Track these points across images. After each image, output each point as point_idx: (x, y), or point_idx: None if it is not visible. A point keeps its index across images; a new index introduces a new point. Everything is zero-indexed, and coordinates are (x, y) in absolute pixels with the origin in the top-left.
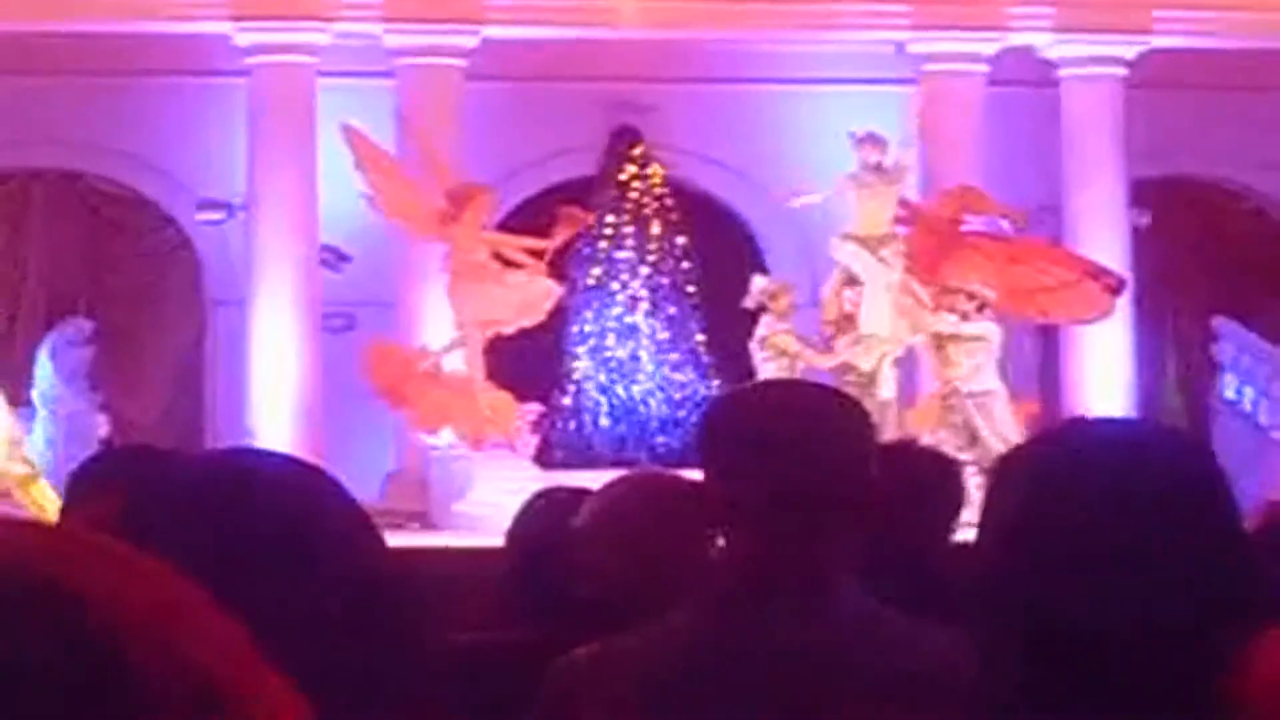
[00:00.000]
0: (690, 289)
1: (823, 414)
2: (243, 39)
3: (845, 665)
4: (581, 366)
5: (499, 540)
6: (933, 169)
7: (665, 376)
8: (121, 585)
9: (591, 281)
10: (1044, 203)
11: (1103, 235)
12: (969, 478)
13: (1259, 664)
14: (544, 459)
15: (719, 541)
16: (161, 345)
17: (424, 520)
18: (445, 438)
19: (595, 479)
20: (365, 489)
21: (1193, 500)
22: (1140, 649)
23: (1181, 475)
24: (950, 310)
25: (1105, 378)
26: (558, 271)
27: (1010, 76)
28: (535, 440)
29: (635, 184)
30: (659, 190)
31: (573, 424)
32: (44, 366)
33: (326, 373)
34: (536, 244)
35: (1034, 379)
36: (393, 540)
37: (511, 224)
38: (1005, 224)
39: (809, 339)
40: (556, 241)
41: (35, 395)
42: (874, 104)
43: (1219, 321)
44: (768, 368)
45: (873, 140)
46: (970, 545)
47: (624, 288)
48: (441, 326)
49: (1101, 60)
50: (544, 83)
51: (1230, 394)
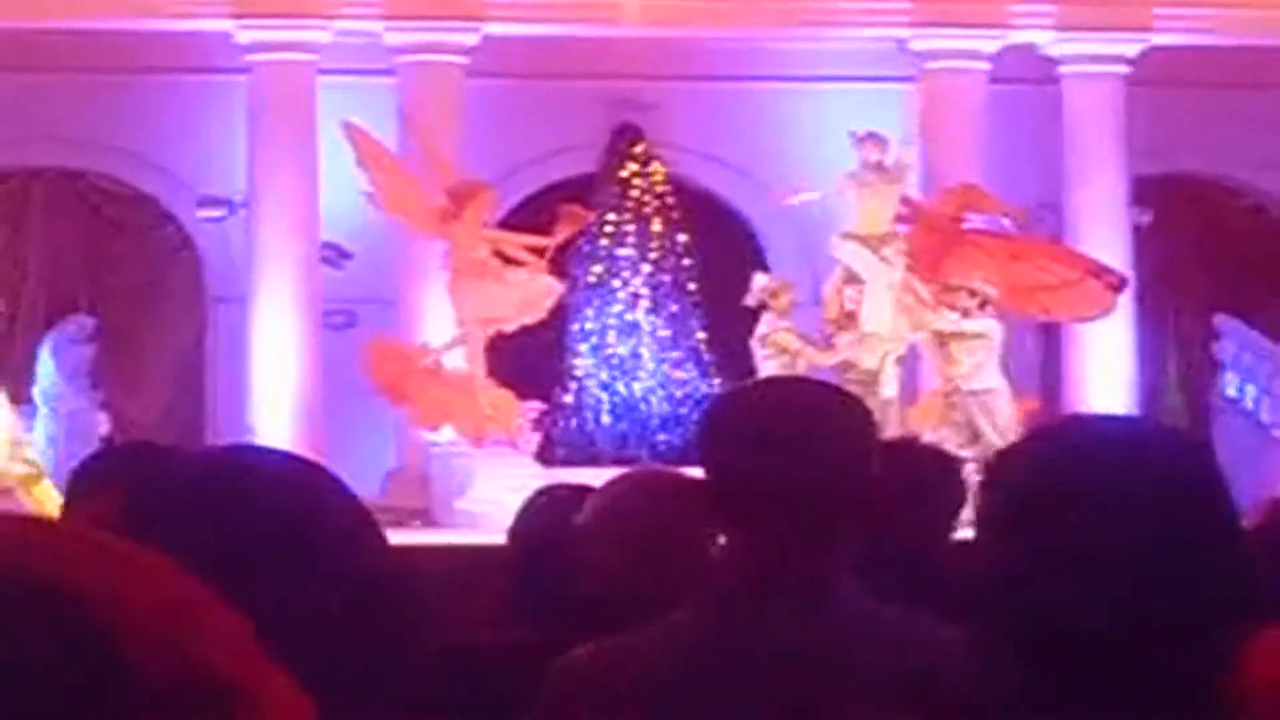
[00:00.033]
0: (691, 286)
1: (824, 412)
2: (244, 36)
3: (845, 664)
4: (583, 364)
5: (500, 538)
6: (934, 167)
7: (666, 374)
8: (124, 583)
9: (593, 279)
10: (1045, 200)
11: (1104, 233)
12: (970, 475)
13: (1258, 663)
14: (545, 456)
15: (720, 540)
16: (162, 343)
17: (425, 518)
18: (446, 435)
19: (597, 476)
20: (366, 486)
21: (1190, 499)
22: (1138, 648)
23: (1178, 474)
24: (952, 308)
25: (1106, 375)
26: (559, 269)
27: (1011, 74)
28: (536, 438)
29: (636, 181)
30: (660, 188)
31: (574, 421)
32: (45, 364)
33: (327, 370)
34: (537, 241)
35: (1035, 377)
36: (394, 538)
37: (512, 221)
38: (1007, 222)
39: (810, 337)
40: (558, 239)
41: (36, 393)
42: (875, 102)
43: (1220, 319)
44: (768, 365)
45: (874, 139)
46: (969, 543)
47: (625, 285)
48: (442, 324)
49: (1102, 58)
50: (545, 80)
51: (1232, 392)
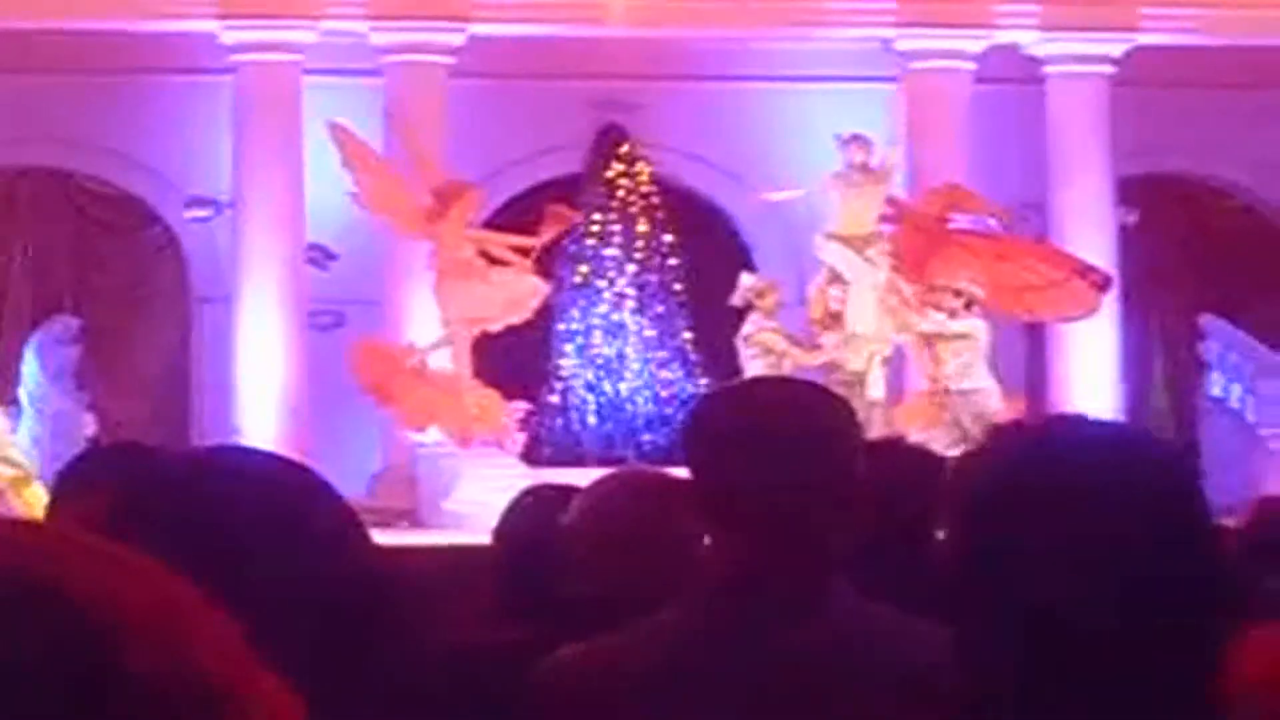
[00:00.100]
0: (677, 287)
1: (809, 411)
2: (229, 37)
3: (833, 663)
4: (568, 364)
5: (487, 538)
6: (919, 167)
7: (652, 374)
8: (116, 586)
9: (578, 279)
10: (1030, 200)
11: (1089, 233)
12: None
13: (1248, 664)
14: (531, 456)
15: (706, 540)
16: (148, 343)
17: (412, 518)
18: (432, 435)
19: (583, 477)
20: (353, 487)
21: (1159, 497)
22: (1123, 648)
23: (1147, 471)
24: (937, 308)
25: (1092, 375)
26: (544, 269)
27: (996, 74)
28: (522, 438)
29: (622, 182)
30: (646, 188)
31: (560, 421)
32: (30, 365)
33: (313, 371)
34: (523, 242)
35: (1021, 377)
36: (380, 538)
37: (498, 222)
38: (992, 222)
39: (795, 337)
40: (543, 239)
41: (22, 394)
42: (860, 102)
43: (1206, 319)
44: (754, 365)
45: (858, 141)
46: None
47: (611, 285)
48: (428, 324)
49: (1088, 58)
50: (530, 80)
51: (1217, 391)
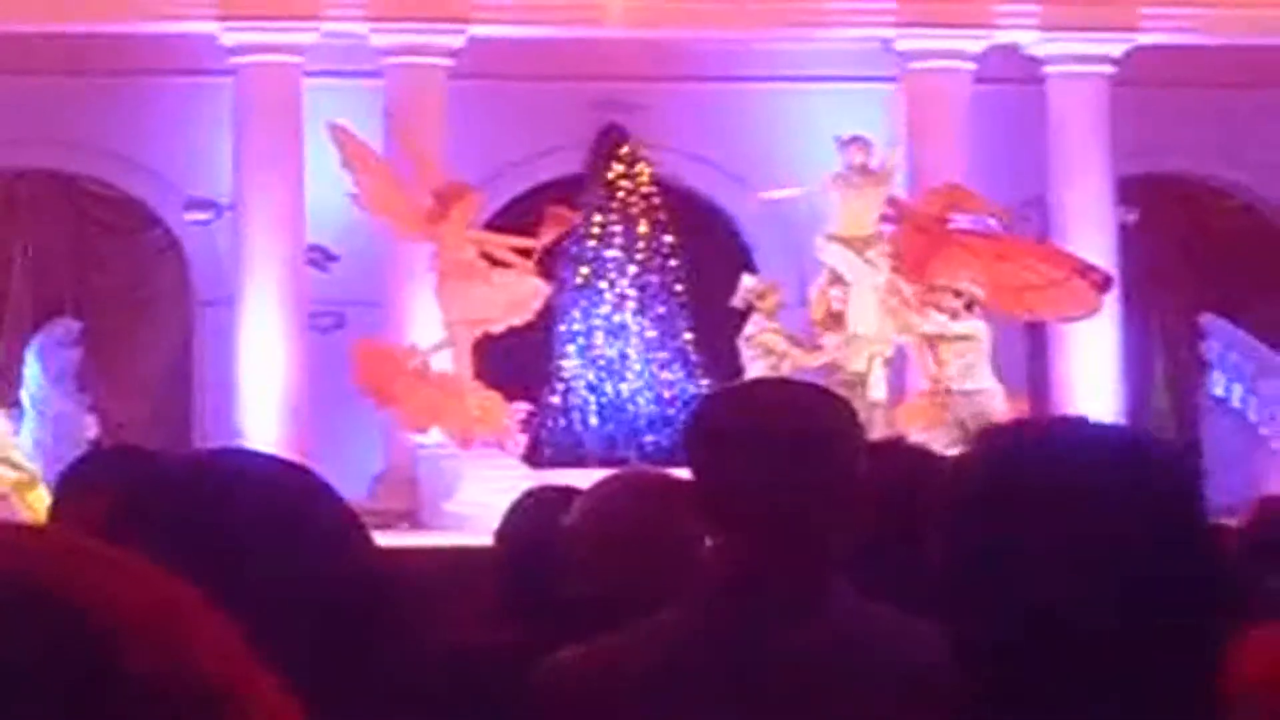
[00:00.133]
0: (678, 287)
1: (810, 412)
2: (229, 38)
3: (833, 663)
4: (570, 365)
5: (488, 539)
6: (919, 167)
7: (654, 375)
8: (116, 588)
9: (579, 280)
10: (1030, 200)
11: (1089, 232)
12: None
13: (1249, 664)
14: (533, 458)
15: (708, 540)
16: (149, 345)
17: (413, 520)
18: (434, 437)
19: (584, 478)
20: (354, 488)
21: (1161, 499)
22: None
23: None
24: (938, 308)
25: (1093, 375)
26: (545, 270)
27: (997, 74)
28: (524, 439)
29: (623, 183)
30: (646, 189)
31: (561, 423)
32: (31, 368)
33: (314, 372)
34: (524, 243)
35: (1022, 377)
36: (381, 540)
37: (499, 223)
38: (993, 222)
39: (797, 338)
40: (544, 240)
41: (23, 397)
42: (860, 102)
43: (1206, 318)
44: (755, 366)
45: (858, 143)
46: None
47: (612, 286)
48: (430, 325)
49: (1087, 58)
50: (531, 81)
51: (1218, 391)
